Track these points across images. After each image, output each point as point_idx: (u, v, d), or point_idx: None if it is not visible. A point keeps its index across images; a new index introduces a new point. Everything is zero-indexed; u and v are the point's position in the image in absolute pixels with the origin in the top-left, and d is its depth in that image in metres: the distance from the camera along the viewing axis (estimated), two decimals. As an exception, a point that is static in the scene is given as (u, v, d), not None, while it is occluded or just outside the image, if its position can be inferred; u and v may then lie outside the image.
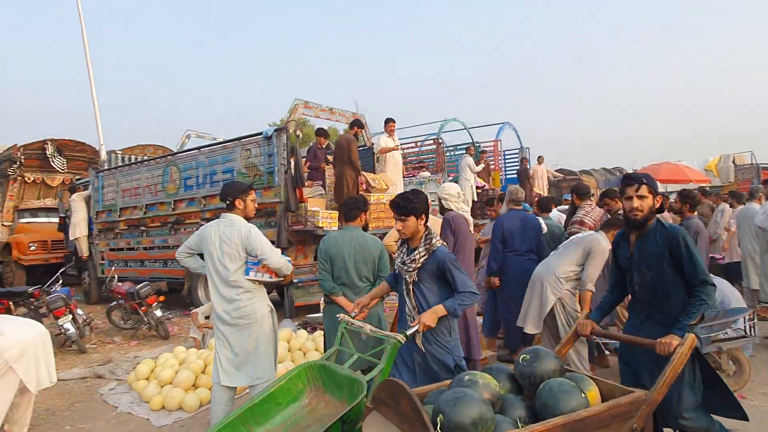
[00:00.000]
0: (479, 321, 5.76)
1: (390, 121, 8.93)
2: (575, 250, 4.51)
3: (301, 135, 13.66)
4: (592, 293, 4.30)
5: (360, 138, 9.46)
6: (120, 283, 7.74)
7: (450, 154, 14.43)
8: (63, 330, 6.52)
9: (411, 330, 2.85)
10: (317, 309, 6.80)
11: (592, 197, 5.98)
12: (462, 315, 4.35)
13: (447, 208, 4.58)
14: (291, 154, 7.34)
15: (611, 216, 5.15)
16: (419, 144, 14.31)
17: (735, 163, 18.54)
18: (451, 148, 14.85)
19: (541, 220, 5.70)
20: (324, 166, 9.05)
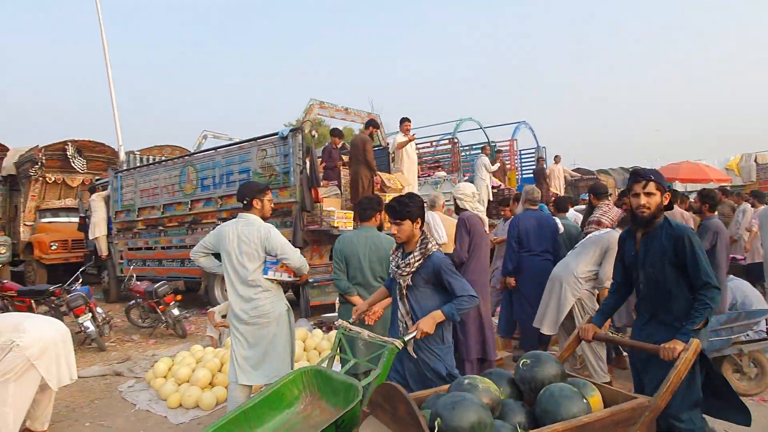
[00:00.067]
0: (495, 321, 5.73)
1: (405, 121, 8.92)
2: (593, 249, 4.46)
3: (317, 135, 13.71)
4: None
5: (375, 138, 9.46)
6: (138, 282, 7.82)
7: (465, 153, 14.39)
8: (83, 328, 6.62)
9: (408, 336, 2.81)
10: (333, 308, 6.82)
11: (609, 197, 5.91)
12: (477, 315, 4.33)
13: (462, 208, 4.56)
14: (306, 154, 7.37)
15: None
16: (435, 144, 14.28)
17: (757, 162, 18.16)
18: (467, 147, 14.81)
19: (558, 220, 5.65)
20: (340, 165, 9.07)
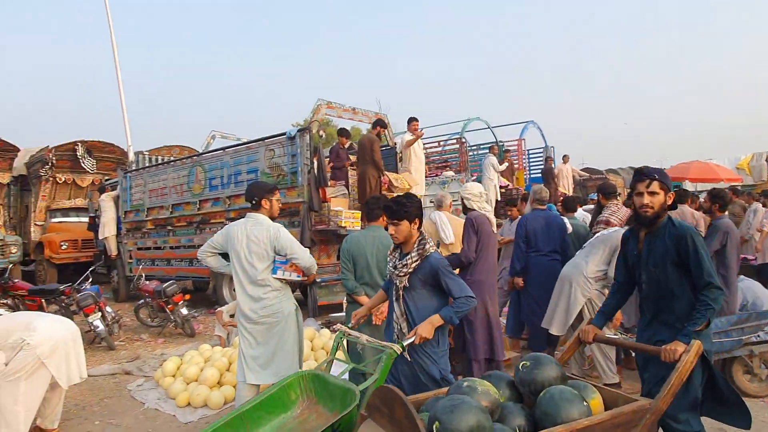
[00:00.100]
0: (503, 322, 5.71)
1: (413, 120, 8.90)
2: (602, 248, 4.43)
3: (324, 135, 13.73)
4: None
5: (383, 137, 9.45)
6: (147, 282, 7.87)
7: (473, 153, 14.34)
8: (93, 327, 6.67)
9: (407, 341, 2.79)
10: (340, 308, 6.81)
11: (618, 196, 5.88)
12: (485, 315, 4.31)
13: (470, 207, 4.54)
14: (314, 154, 7.38)
15: None
16: (442, 143, 14.25)
17: (768, 161, 18.01)
18: (474, 147, 14.76)
19: (566, 219, 5.63)
20: (348, 165, 9.07)
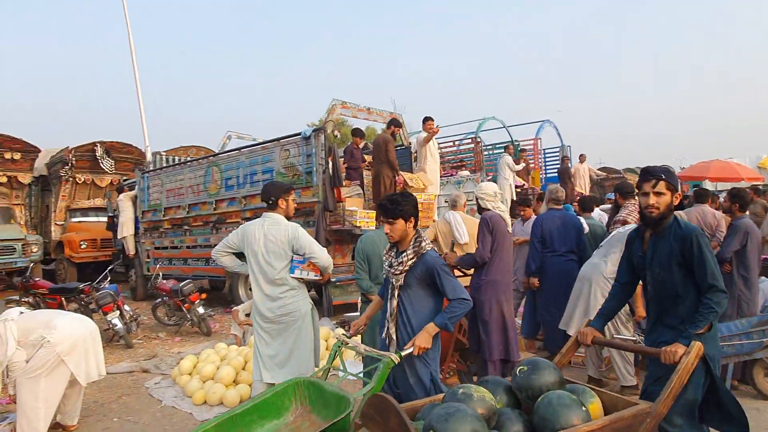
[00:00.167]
0: (518, 322, 5.68)
1: (428, 120, 8.88)
2: (619, 247, 4.37)
3: (339, 135, 13.76)
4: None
5: (397, 137, 9.46)
6: (164, 281, 7.96)
7: (488, 153, 14.27)
8: (111, 325, 6.76)
9: (405, 352, 2.77)
10: (355, 308, 6.83)
11: (636, 196, 5.80)
12: (500, 315, 4.28)
13: (484, 207, 4.52)
14: (329, 154, 7.40)
15: None
16: (457, 143, 14.20)
17: (791, 161, 17.69)
18: (490, 147, 14.68)
19: (583, 219, 5.57)
20: (363, 167, 9.08)
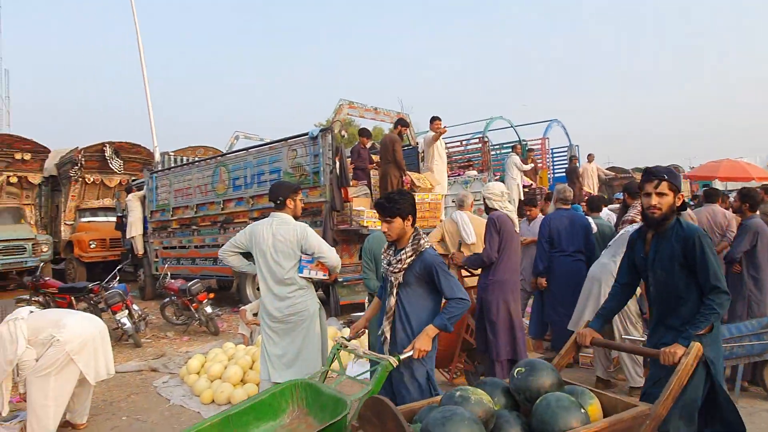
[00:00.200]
0: (526, 323, 5.66)
1: (436, 119, 8.85)
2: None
3: (347, 135, 13.78)
4: None
5: (405, 137, 9.43)
6: (173, 280, 7.99)
7: (496, 152, 14.25)
8: (120, 324, 6.79)
9: (405, 355, 2.76)
10: (362, 307, 6.84)
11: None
12: (507, 315, 4.27)
13: (491, 207, 4.51)
14: (336, 154, 7.41)
15: None
16: (464, 143, 14.18)
17: (802, 160, 17.49)
18: (497, 146, 14.66)
19: (591, 219, 5.55)
20: (371, 168, 9.07)
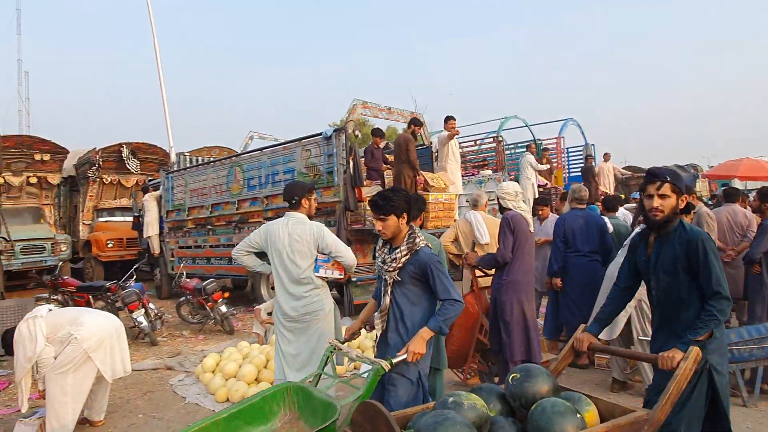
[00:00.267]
0: (540, 323, 5.62)
1: (450, 119, 8.82)
2: None
3: (360, 135, 13.78)
4: None
5: (418, 137, 9.41)
6: (188, 280, 8.07)
7: (510, 152, 14.16)
8: (137, 323, 6.88)
9: (398, 359, 2.72)
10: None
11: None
12: (522, 316, 4.24)
13: (505, 207, 4.48)
14: (350, 153, 7.42)
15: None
16: (478, 142, 14.11)
17: (824, 158, 17.12)
18: (512, 146, 14.56)
19: (607, 219, 5.49)
20: (384, 169, 9.06)
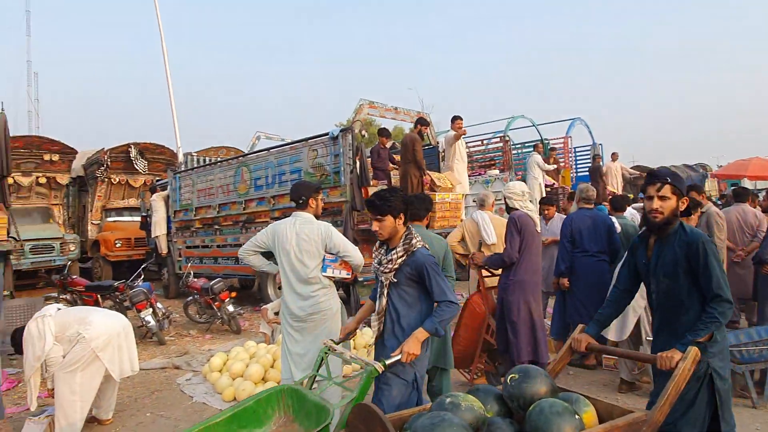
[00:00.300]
0: (547, 323, 5.60)
1: (457, 119, 8.79)
2: None
3: (367, 135, 13.80)
4: None
5: (425, 136, 9.40)
6: (195, 279, 8.11)
7: (517, 151, 14.12)
8: (144, 322, 6.92)
9: (391, 360, 2.69)
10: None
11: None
12: (529, 316, 4.22)
13: (512, 207, 4.47)
14: (356, 153, 7.43)
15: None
16: (485, 142, 14.08)
17: (835, 158, 16.94)
18: (519, 145, 14.52)
19: (615, 219, 5.46)
20: (391, 166, 9.05)
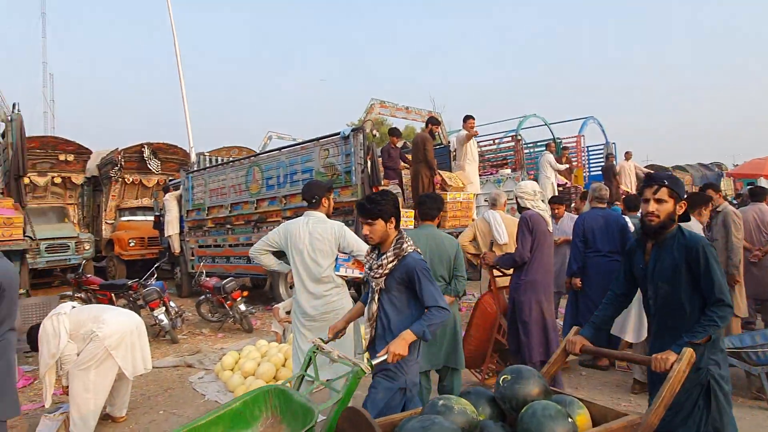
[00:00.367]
0: (559, 323, 5.57)
1: (469, 118, 8.78)
2: None
3: (378, 134, 13.80)
4: None
5: (436, 136, 9.38)
6: (208, 278, 8.16)
7: (530, 151, 14.04)
8: (157, 321, 6.98)
9: (378, 360, 2.66)
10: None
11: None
12: (541, 317, 4.19)
13: (524, 206, 4.44)
14: (368, 153, 7.43)
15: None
16: (497, 141, 14.03)
17: None
18: (531, 144, 14.44)
19: (629, 219, 5.41)
20: (402, 166, 9.04)
